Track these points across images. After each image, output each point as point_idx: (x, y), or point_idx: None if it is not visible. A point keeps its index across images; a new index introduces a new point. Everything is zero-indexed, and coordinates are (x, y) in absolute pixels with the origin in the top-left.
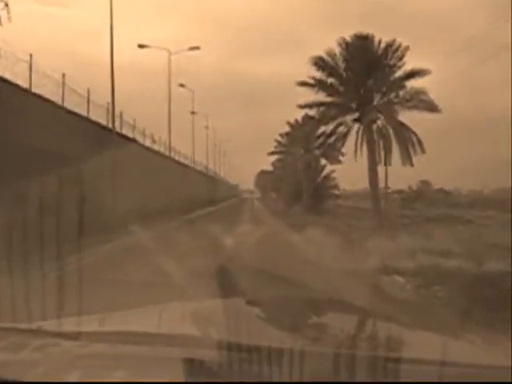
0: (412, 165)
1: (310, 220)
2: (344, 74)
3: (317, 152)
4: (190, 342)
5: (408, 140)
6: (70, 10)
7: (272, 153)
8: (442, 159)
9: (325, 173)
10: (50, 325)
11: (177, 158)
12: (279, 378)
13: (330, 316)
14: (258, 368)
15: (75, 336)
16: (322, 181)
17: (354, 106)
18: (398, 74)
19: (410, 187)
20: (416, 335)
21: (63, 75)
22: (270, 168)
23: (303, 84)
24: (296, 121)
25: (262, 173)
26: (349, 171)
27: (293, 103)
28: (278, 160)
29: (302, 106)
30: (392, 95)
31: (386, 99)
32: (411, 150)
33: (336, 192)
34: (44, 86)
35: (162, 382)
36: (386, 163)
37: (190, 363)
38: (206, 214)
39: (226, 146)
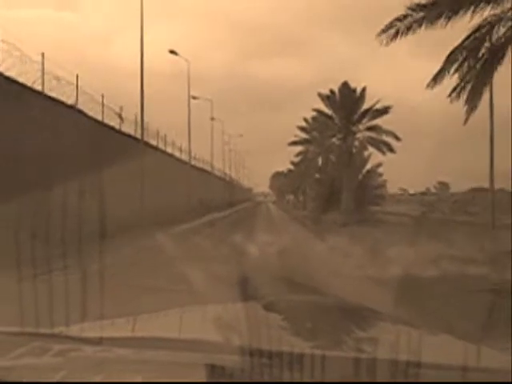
0: None
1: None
2: None
3: (360, 135)
4: (211, 348)
5: None
6: (79, 15)
7: (294, 143)
8: (452, 158)
9: (368, 167)
10: (72, 330)
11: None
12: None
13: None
14: (279, 373)
15: (97, 341)
16: (366, 178)
17: None
18: None
19: (427, 189)
20: (438, 340)
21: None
22: (285, 168)
23: None
24: (331, 92)
25: (277, 174)
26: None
27: (305, 105)
28: (302, 152)
29: None
30: None
31: None
32: None
33: (383, 193)
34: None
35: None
36: None
37: (212, 368)
38: (205, 227)
39: (237, 147)
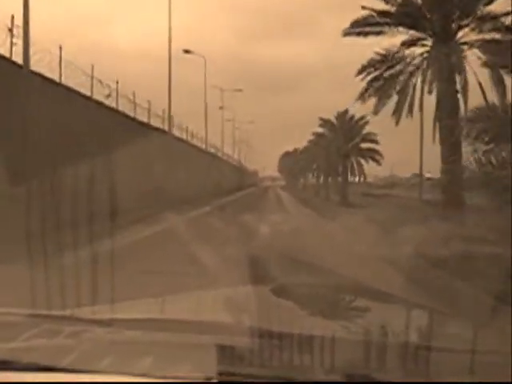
0: None
1: None
2: None
3: None
4: (221, 329)
5: None
6: None
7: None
8: None
9: None
10: (83, 311)
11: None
12: (310, 365)
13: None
14: (289, 355)
15: (108, 323)
16: None
17: None
18: None
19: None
20: (449, 323)
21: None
22: (300, 147)
23: None
24: None
25: (287, 154)
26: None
27: (308, 89)
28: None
29: None
30: None
31: None
32: None
33: None
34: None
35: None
36: None
37: (222, 350)
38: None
39: (244, 129)
